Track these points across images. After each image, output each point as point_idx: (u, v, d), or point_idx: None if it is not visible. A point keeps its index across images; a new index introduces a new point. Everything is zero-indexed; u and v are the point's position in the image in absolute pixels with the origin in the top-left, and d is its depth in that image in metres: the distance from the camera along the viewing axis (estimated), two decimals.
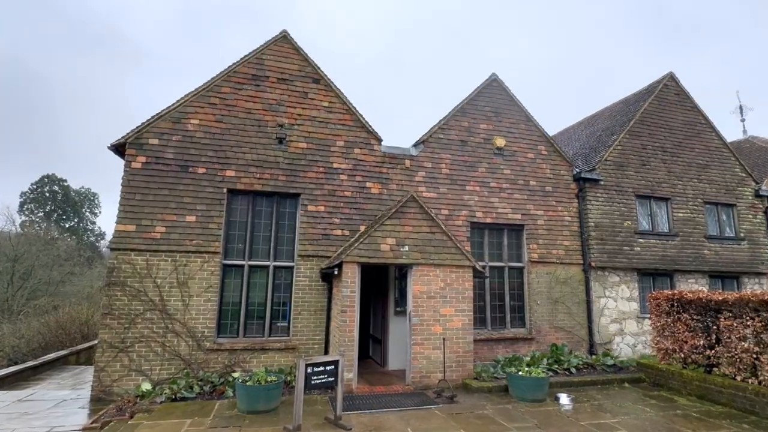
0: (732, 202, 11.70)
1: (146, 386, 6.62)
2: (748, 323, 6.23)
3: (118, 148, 7.65)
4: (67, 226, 38.15)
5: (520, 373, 6.72)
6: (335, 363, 5.47)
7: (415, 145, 9.38)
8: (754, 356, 6.12)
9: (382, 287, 9.23)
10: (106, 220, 52.83)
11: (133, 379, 6.90)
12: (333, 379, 5.41)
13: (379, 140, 9.00)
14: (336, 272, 7.19)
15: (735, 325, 6.44)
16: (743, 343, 6.28)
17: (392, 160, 9.00)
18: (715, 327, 6.80)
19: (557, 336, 9.42)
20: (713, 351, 6.78)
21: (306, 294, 8.00)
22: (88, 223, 41.22)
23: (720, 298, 6.71)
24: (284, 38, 8.72)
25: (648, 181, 10.88)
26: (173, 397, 6.27)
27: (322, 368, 5.33)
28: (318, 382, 5.27)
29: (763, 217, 12.00)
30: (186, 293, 7.37)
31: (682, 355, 7.30)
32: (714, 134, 11.99)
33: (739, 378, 6.31)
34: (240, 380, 5.93)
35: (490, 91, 10.08)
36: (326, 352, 7.83)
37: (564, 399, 6.48)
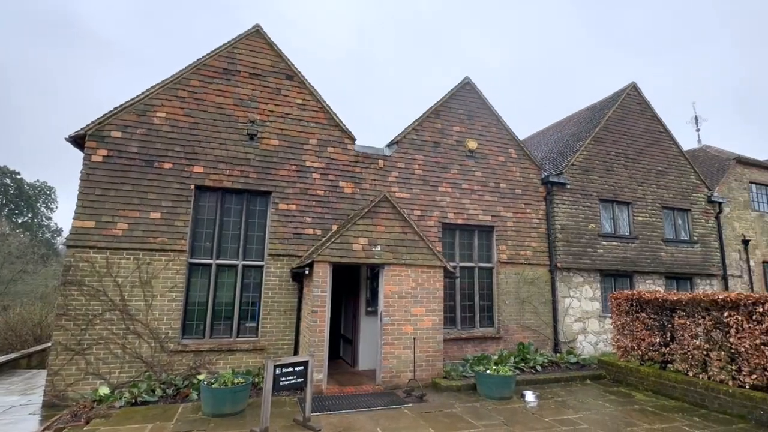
0: (687, 208, 12.37)
1: (104, 390, 6.32)
2: (700, 322, 6.60)
3: (78, 141, 7.27)
4: (19, 221, 35.92)
5: (488, 371, 6.85)
6: (305, 364, 5.40)
7: (389, 145, 9.40)
8: (705, 353, 6.49)
9: (354, 287, 9.19)
10: (64, 216, 50.19)
11: (89, 383, 6.57)
12: (302, 380, 5.34)
13: (353, 139, 8.96)
14: (307, 272, 7.10)
15: (688, 323, 6.81)
16: (695, 341, 6.65)
17: (366, 159, 8.98)
18: (670, 325, 7.16)
19: (524, 335, 9.67)
20: (668, 348, 7.14)
21: (276, 294, 7.86)
22: (44, 219, 38.97)
23: (675, 298, 7.08)
24: (257, 32, 8.54)
25: (611, 186, 11.34)
26: (133, 401, 6.02)
27: (291, 369, 5.25)
28: (287, 383, 5.19)
29: (715, 222, 12.75)
30: (149, 293, 7.09)
31: (640, 353, 7.65)
32: (672, 143, 12.64)
33: (691, 374, 6.68)
34: (205, 382, 5.75)
35: (463, 94, 10.23)
36: (296, 353, 7.73)
37: (529, 396, 6.66)
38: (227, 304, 7.69)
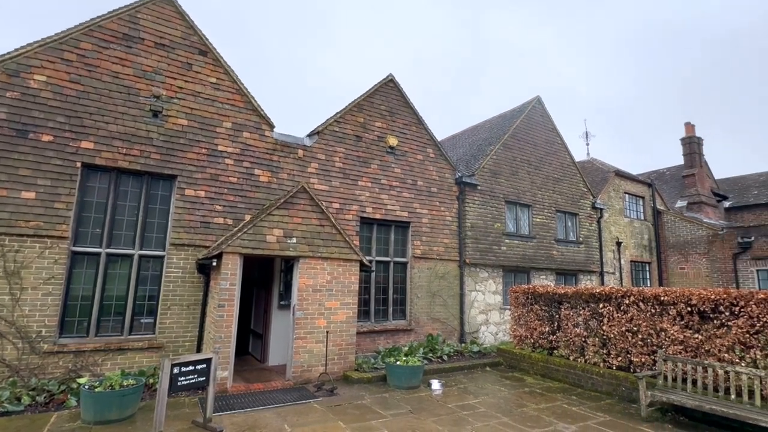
0: (575, 212, 13.99)
1: None
2: (581, 312, 7.52)
3: None
4: None
5: (398, 362, 7.06)
6: (207, 362, 5.05)
7: (310, 135, 9.17)
8: (583, 340, 7.41)
9: (266, 280, 8.84)
10: None
11: None
12: (204, 378, 4.99)
13: (272, 126, 8.57)
14: (215, 263, 6.65)
15: (571, 314, 7.71)
16: (576, 329, 7.55)
17: (285, 148, 8.65)
18: (557, 316, 8.04)
19: (434, 327, 10.15)
20: (555, 336, 8.01)
21: (178, 287, 7.23)
22: None
23: (562, 292, 7.97)
24: None
25: (515, 189, 12.37)
26: None
27: (191, 368, 4.87)
28: (186, 382, 4.81)
29: (596, 226, 14.61)
30: (17, 285, 6.06)
31: (532, 341, 8.48)
32: (567, 154, 14.18)
33: (572, 358, 7.58)
34: (87, 386, 5.09)
35: (386, 90, 10.35)
36: (199, 350, 7.20)
37: (435, 384, 7.00)
38: (119, 298, 6.88)
